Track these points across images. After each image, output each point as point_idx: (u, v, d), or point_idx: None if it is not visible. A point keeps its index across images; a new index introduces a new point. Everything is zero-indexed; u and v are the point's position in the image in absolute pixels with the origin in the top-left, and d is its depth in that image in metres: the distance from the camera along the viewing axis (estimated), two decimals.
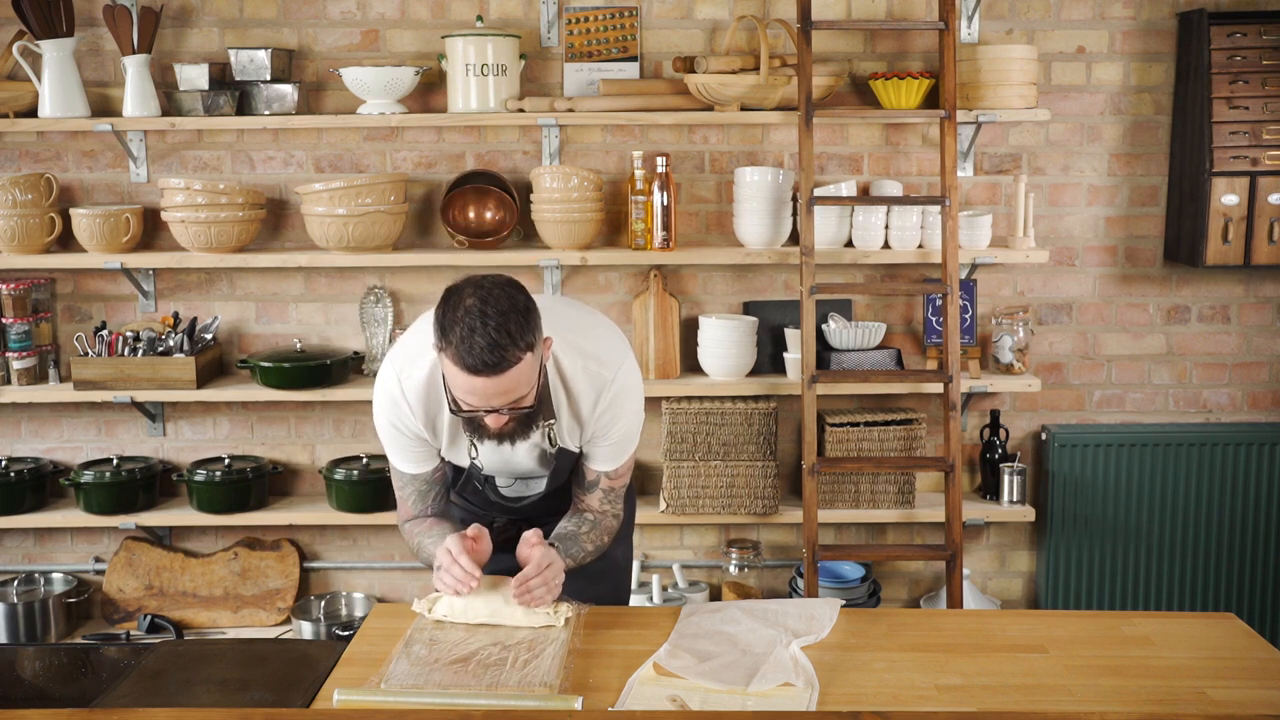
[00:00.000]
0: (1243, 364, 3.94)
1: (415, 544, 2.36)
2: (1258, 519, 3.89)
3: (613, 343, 2.30)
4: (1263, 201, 3.59)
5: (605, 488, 2.36)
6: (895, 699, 1.93)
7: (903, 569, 4.04)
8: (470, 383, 2.01)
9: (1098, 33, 3.77)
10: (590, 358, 2.22)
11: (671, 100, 3.65)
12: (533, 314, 2.04)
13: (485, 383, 2.00)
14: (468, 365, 1.98)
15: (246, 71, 3.65)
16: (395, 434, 2.27)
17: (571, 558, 2.28)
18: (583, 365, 2.21)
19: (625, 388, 2.25)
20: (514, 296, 2.03)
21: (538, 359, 2.06)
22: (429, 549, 2.29)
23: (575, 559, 2.29)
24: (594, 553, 2.34)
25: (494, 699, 1.88)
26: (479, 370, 1.98)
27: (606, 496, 2.37)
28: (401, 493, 2.37)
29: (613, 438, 2.28)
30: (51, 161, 3.86)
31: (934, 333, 3.81)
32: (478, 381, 2.00)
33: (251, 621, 3.89)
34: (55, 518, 3.84)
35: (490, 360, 1.97)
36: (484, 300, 1.99)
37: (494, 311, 1.98)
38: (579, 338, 2.24)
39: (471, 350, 1.97)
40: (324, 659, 2.11)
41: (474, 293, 2.01)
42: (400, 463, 2.33)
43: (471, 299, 2.00)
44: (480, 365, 1.98)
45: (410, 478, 2.34)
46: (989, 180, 3.84)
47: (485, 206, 3.80)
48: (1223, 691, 1.95)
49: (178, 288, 3.91)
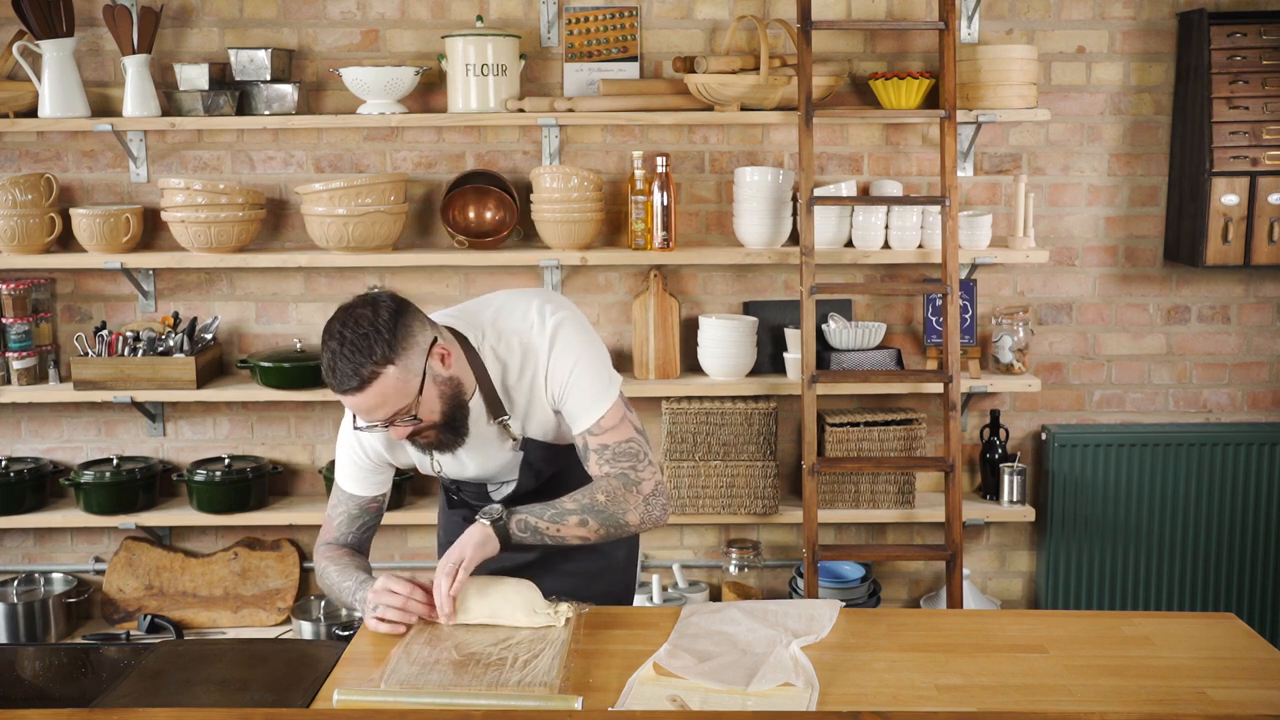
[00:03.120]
0: (1243, 364, 3.94)
1: (321, 567, 2.35)
2: (1258, 519, 3.89)
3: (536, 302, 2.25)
4: (1263, 201, 3.59)
5: (595, 448, 2.23)
6: (895, 699, 1.93)
7: (903, 569, 4.04)
8: (347, 401, 2.08)
9: (1098, 33, 3.77)
10: (514, 332, 2.22)
11: (671, 100, 3.65)
12: (400, 327, 2.05)
13: (355, 400, 2.06)
14: (333, 386, 2.06)
15: (246, 71, 3.65)
16: (353, 450, 2.31)
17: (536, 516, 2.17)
18: (518, 343, 2.21)
19: (559, 330, 2.21)
20: (377, 314, 2.05)
21: (411, 371, 2.05)
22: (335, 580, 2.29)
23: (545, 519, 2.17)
24: (582, 511, 2.19)
25: (494, 699, 1.88)
26: (342, 390, 2.05)
27: (601, 457, 2.23)
28: (333, 510, 2.38)
29: (570, 388, 2.21)
30: (51, 161, 3.86)
31: (934, 333, 3.81)
32: (349, 400, 2.07)
33: (251, 621, 3.89)
34: (55, 518, 3.84)
35: (350, 381, 2.03)
36: (344, 322, 2.05)
37: (351, 333, 2.03)
38: (501, 321, 2.23)
39: (334, 372, 2.04)
40: (324, 659, 2.11)
41: (340, 316, 2.07)
42: (345, 479, 2.35)
43: (336, 323, 2.06)
44: (341, 385, 2.04)
45: (347, 496, 2.35)
46: (989, 180, 3.84)
47: (485, 206, 3.80)
48: (1223, 691, 1.95)
49: (178, 288, 3.91)
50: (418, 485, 3.93)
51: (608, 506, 2.20)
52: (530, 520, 2.17)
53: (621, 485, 2.21)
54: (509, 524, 2.16)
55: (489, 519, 2.16)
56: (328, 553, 2.36)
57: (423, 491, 3.94)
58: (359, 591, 2.23)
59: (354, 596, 2.24)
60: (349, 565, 2.31)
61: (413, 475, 3.88)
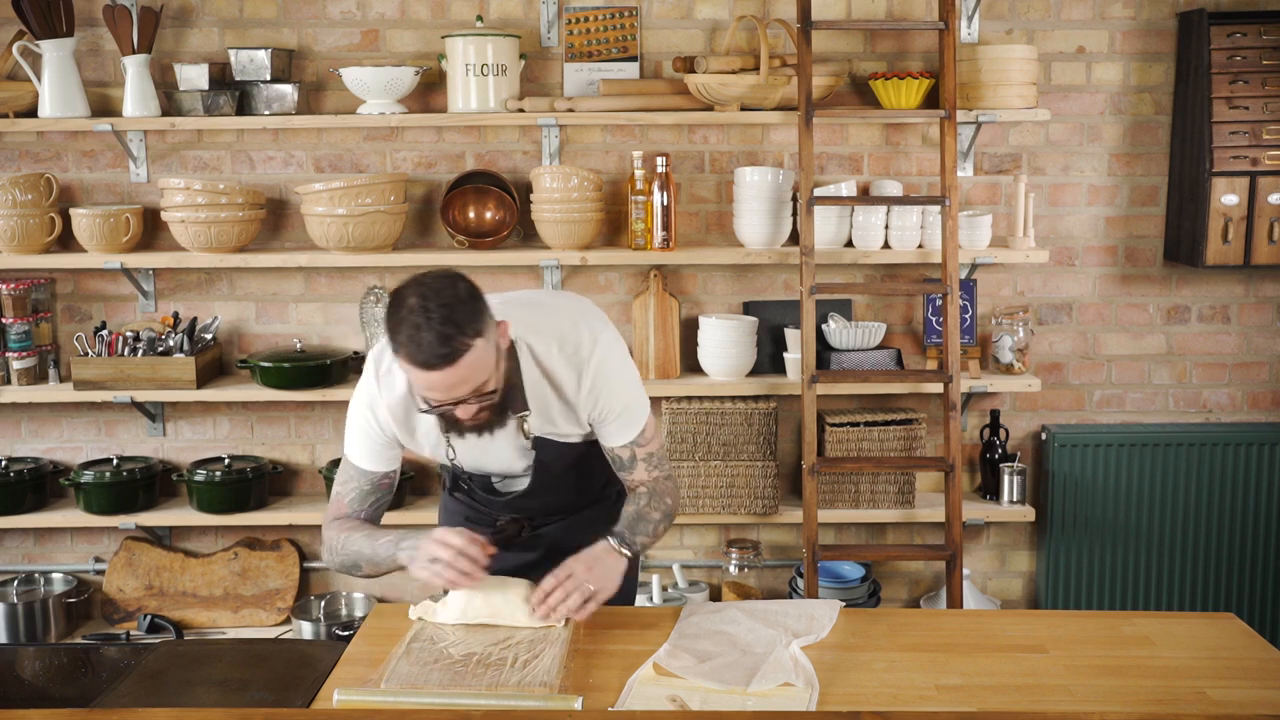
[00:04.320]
0: (1243, 364, 3.94)
1: (341, 538, 2.27)
2: (1258, 519, 3.89)
3: (583, 318, 2.28)
4: (1263, 201, 3.59)
5: (642, 457, 2.33)
6: (895, 699, 1.93)
7: (903, 569, 4.04)
8: (428, 378, 2.02)
9: (1098, 33, 3.77)
10: (563, 340, 2.22)
11: (671, 100, 3.65)
12: (479, 301, 2.05)
13: (441, 376, 2.01)
14: (420, 361, 2.00)
15: (246, 71, 3.65)
16: (367, 426, 2.26)
17: (645, 535, 2.27)
18: (557, 349, 2.21)
19: (605, 359, 2.24)
20: (456, 287, 2.03)
21: (491, 344, 2.06)
22: (361, 544, 2.24)
23: (650, 534, 2.29)
24: (664, 518, 2.32)
25: (494, 699, 1.88)
26: (432, 364, 1.99)
27: (648, 464, 2.34)
28: (343, 487, 2.32)
29: (615, 409, 2.27)
30: (51, 161, 3.86)
31: (934, 333, 3.81)
32: (434, 376, 2.01)
33: (251, 621, 3.89)
34: (55, 518, 3.84)
35: (441, 352, 1.98)
36: (425, 296, 2.00)
37: (436, 305, 1.99)
38: (548, 321, 2.24)
39: (420, 346, 1.98)
40: (324, 659, 2.11)
41: (415, 290, 2.02)
42: (357, 455, 2.30)
43: (414, 298, 2.01)
44: (432, 359, 1.99)
45: (359, 472, 2.30)
46: (989, 180, 3.84)
47: (485, 206, 3.80)
48: (1223, 691, 1.95)
49: (178, 288, 3.91)
50: (418, 485, 3.93)
51: (672, 507, 2.35)
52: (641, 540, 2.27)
53: (672, 485, 2.38)
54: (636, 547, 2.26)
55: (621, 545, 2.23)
56: (345, 525, 2.29)
57: (423, 491, 3.94)
58: (403, 541, 2.18)
59: (397, 547, 2.19)
60: (375, 531, 2.27)
61: (413, 476, 3.88)
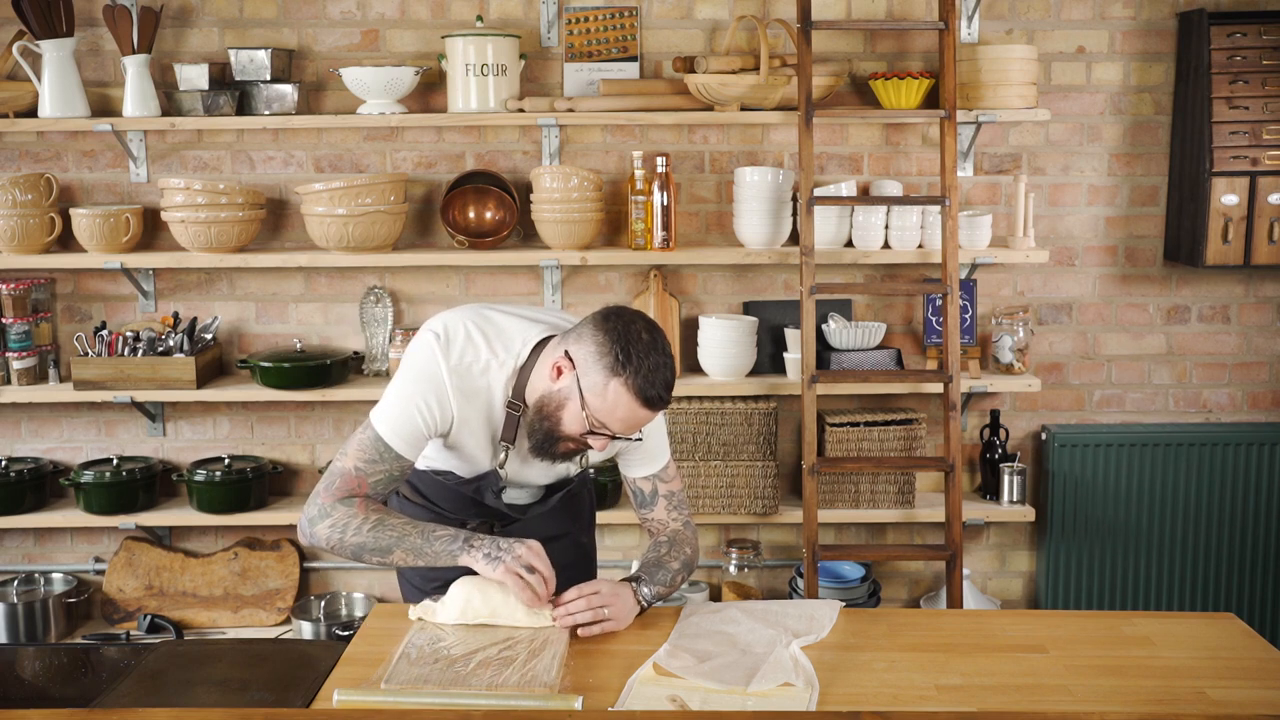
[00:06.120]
0: (1243, 364, 3.94)
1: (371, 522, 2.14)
2: (1258, 519, 3.89)
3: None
4: (1263, 201, 3.59)
5: (665, 494, 2.36)
6: (895, 699, 1.93)
7: (903, 569, 4.04)
8: (636, 413, 2.08)
9: (1098, 33, 3.77)
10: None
11: (671, 100, 3.65)
12: None
13: (648, 415, 2.09)
14: (648, 397, 2.06)
15: (246, 71, 3.66)
16: (421, 413, 2.15)
17: (662, 584, 2.25)
18: None
19: None
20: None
21: None
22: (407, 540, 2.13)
23: (667, 584, 2.27)
24: (683, 569, 2.31)
25: (494, 699, 1.88)
26: (654, 404, 2.07)
27: (670, 503, 2.36)
28: (369, 467, 2.16)
29: (648, 441, 2.29)
30: (51, 161, 3.86)
31: (934, 333, 3.81)
32: (644, 413, 2.08)
33: (251, 621, 3.89)
34: (55, 518, 3.84)
35: (665, 396, 2.07)
36: (654, 334, 2.08)
37: (663, 348, 2.08)
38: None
39: (653, 384, 2.05)
40: (324, 659, 2.11)
41: (646, 327, 2.09)
42: (398, 440, 2.16)
43: (646, 334, 2.07)
44: (657, 399, 2.07)
45: (395, 456, 2.16)
46: (989, 180, 3.84)
47: (485, 206, 3.80)
48: (1223, 691, 1.95)
49: (178, 288, 3.91)
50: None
51: (691, 559, 2.35)
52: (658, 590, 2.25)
53: (691, 534, 2.38)
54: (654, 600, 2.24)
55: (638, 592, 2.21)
56: (373, 508, 2.17)
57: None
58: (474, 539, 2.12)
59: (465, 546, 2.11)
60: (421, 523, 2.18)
61: None
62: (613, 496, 3.81)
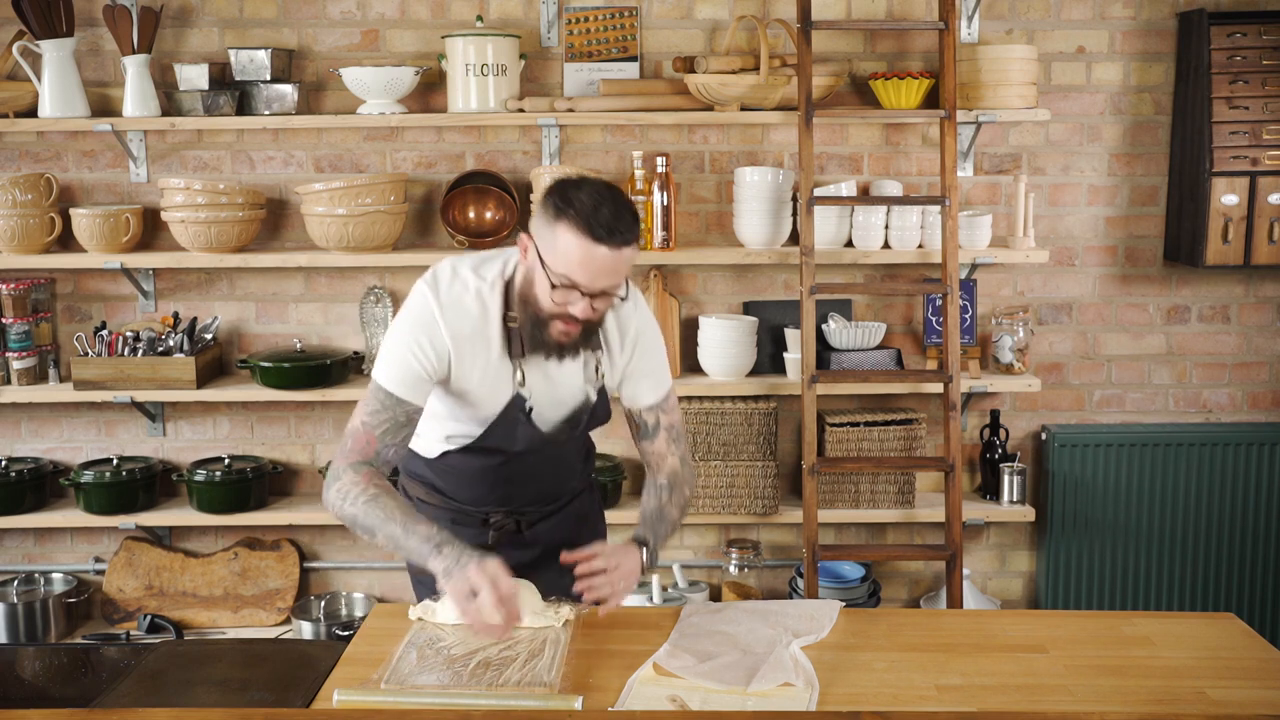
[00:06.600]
0: (1243, 364, 3.94)
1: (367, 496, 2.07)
2: (1258, 519, 3.89)
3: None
4: (1263, 201, 3.59)
5: (666, 425, 2.32)
6: (895, 699, 1.93)
7: (903, 569, 4.04)
8: (591, 252, 1.98)
9: (1098, 33, 3.77)
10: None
11: (671, 100, 3.65)
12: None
13: (605, 255, 1.98)
14: (594, 233, 1.97)
15: (246, 71, 3.65)
16: (416, 353, 2.11)
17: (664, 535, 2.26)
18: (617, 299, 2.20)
19: (646, 315, 2.29)
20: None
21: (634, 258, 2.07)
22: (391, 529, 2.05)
23: (667, 533, 2.27)
24: (681, 513, 2.33)
25: (494, 699, 1.88)
26: (604, 238, 1.97)
27: (670, 435, 2.33)
28: (373, 418, 2.12)
29: (649, 365, 2.29)
30: (51, 161, 3.86)
31: (934, 333, 3.81)
32: (599, 251, 1.98)
33: (251, 621, 3.89)
34: (55, 518, 3.84)
35: (618, 228, 1.97)
36: (595, 186, 2.02)
37: (603, 187, 2.02)
38: None
39: (598, 217, 1.96)
40: (324, 659, 2.11)
41: (583, 180, 2.04)
42: (395, 383, 2.12)
43: (586, 184, 2.02)
44: (607, 233, 1.97)
45: (396, 401, 2.11)
46: (989, 180, 3.84)
47: (485, 206, 3.80)
48: (1223, 691, 1.95)
49: (178, 288, 3.91)
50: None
51: (688, 499, 2.34)
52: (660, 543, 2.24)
53: (689, 473, 2.37)
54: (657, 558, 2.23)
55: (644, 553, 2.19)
56: (374, 480, 2.10)
57: None
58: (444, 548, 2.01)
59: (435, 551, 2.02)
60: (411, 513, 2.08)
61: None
62: (613, 496, 3.81)
